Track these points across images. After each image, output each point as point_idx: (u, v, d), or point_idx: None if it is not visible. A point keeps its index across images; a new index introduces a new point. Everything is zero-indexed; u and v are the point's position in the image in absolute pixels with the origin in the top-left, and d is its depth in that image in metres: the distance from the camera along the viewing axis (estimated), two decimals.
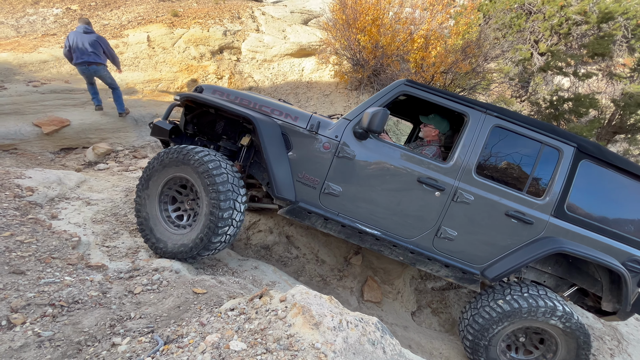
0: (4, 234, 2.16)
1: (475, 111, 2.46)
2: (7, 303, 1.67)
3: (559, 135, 2.43)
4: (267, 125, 2.42)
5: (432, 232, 2.48)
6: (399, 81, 2.53)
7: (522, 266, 2.40)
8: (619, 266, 2.34)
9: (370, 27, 5.33)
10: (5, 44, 6.53)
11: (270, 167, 2.39)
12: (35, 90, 4.92)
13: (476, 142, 2.44)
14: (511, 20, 6.69)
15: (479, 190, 2.42)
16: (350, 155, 2.45)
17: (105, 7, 8.52)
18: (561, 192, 2.41)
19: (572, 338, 2.43)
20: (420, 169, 2.43)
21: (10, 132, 4.35)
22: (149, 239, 2.44)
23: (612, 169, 2.43)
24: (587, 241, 2.41)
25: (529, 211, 2.41)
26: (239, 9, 8.65)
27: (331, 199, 2.50)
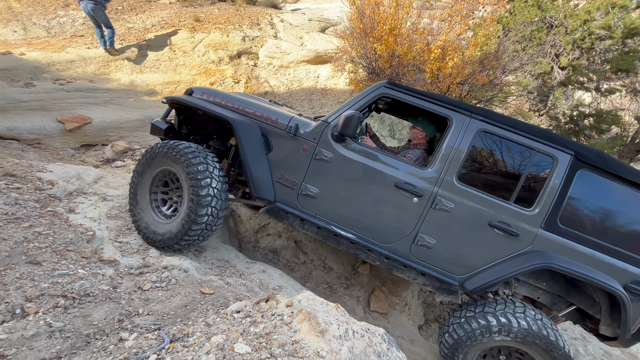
0: (23, 225, 2.24)
1: (459, 115, 2.34)
2: (23, 292, 1.71)
3: (555, 142, 2.23)
4: (246, 126, 2.48)
5: (410, 238, 2.40)
6: (380, 83, 2.47)
7: (503, 280, 2.25)
8: (616, 288, 2.11)
9: (387, 37, 5.35)
10: (37, 43, 6.86)
11: (247, 167, 2.45)
12: (61, 88, 5.13)
13: (459, 148, 2.31)
14: (531, 33, 6.59)
15: (460, 198, 2.29)
16: (327, 158, 2.44)
17: (131, 11, 8.86)
18: (554, 204, 2.21)
19: None
20: (397, 174, 2.36)
21: (35, 127, 4.53)
22: (140, 227, 2.55)
23: (616, 180, 2.19)
24: (584, 258, 2.19)
25: (515, 222, 2.24)
26: (259, 16, 8.85)
27: (309, 201, 2.51)
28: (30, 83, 5.02)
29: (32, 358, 1.37)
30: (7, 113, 4.43)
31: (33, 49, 6.28)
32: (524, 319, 2.22)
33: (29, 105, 4.66)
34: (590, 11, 6.24)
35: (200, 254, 2.79)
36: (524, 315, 2.24)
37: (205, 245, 2.91)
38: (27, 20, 8.10)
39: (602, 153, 2.25)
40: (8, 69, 5.07)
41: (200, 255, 2.80)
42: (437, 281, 2.40)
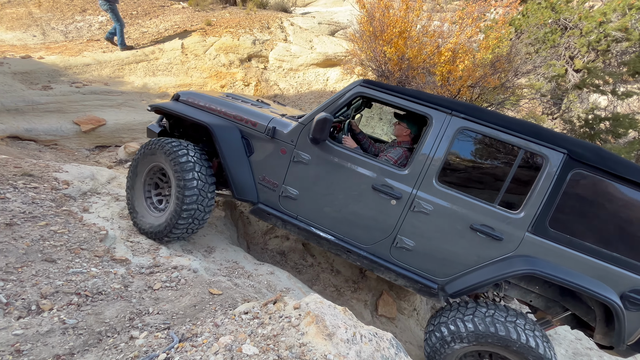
0: (40, 223, 2.30)
1: (439, 112, 2.21)
2: (38, 289, 1.76)
3: (545, 140, 2.05)
4: (224, 130, 2.52)
5: (389, 240, 2.35)
6: (355, 82, 2.41)
7: (483, 286, 2.16)
8: (607, 296, 1.96)
9: (397, 40, 5.33)
10: (55, 47, 7.08)
11: (228, 170, 2.49)
12: (77, 90, 5.28)
13: (438, 147, 2.19)
14: (545, 35, 6.47)
15: (439, 200, 2.20)
16: (305, 160, 2.44)
17: (145, 16, 9.08)
18: (542, 206, 2.05)
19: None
20: (375, 176, 2.30)
21: (52, 129, 4.67)
22: (134, 219, 2.67)
23: (616, 180, 1.98)
24: (576, 264, 2.04)
25: (499, 226, 2.12)
26: (269, 20, 8.95)
27: (290, 202, 2.54)
28: (48, 86, 5.18)
29: (47, 354, 1.40)
30: (25, 115, 4.58)
31: (51, 53, 6.49)
32: (472, 321, 2.11)
33: (46, 107, 4.81)
34: (606, 13, 6.11)
35: (209, 255, 2.82)
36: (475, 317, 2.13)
37: (214, 246, 2.94)
38: (46, 25, 8.38)
39: (600, 150, 2.04)
40: (27, 72, 5.24)
41: (209, 255, 2.83)
42: (417, 283, 2.35)
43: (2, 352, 1.36)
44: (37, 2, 8.86)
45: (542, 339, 2.08)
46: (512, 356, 2.11)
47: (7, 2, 9.03)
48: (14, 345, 1.41)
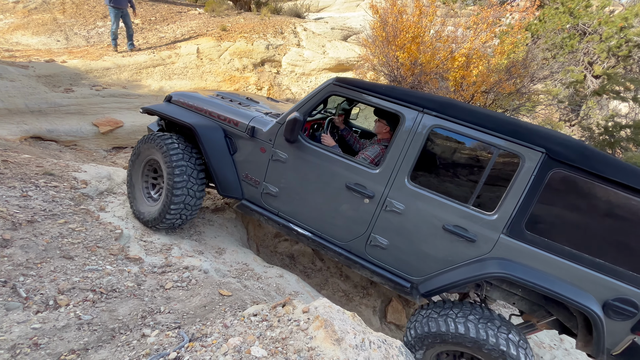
0: (59, 221, 2.38)
1: (410, 110, 2.14)
2: (56, 285, 1.82)
3: (521, 138, 1.92)
4: (208, 130, 2.62)
5: (364, 238, 2.34)
6: (329, 80, 2.40)
7: (454, 287, 2.10)
8: (583, 304, 1.84)
9: (409, 45, 5.32)
10: (77, 52, 7.36)
11: (212, 169, 2.59)
12: (97, 93, 5.46)
13: (410, 146, 2.13)
14: (563, 40, 6.35)
15: (412, 200, 2.15)
16: (282, 159, 2.48)
17: (163, 22, 9.35)
18: (518, 208, 1.94)
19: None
20: (348, 175, 2.29)
21: (72, 130, 4.84)
22: (133, 208, 2.85)
23: (602, 181, 1.82)
24: (555, 269, 1.92)
25: (472, 227, 2.04)
26: (282, 25, 9.07)
27: (271, 199, 2.61)
28: (70, 89, 5.38)
29: (63, 348, 1.44)
30: (48, 116, 4.76)
31: (74, 57, 6.74)
32: (443, 321, 2.05)
33: (67, 109, 4.99)
34: (627, 18, 5.94)
35: (219, 256, 2.85)
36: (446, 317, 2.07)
37: (225, 248, 2.97)
38: (69, 30, 8.72)
39: (583, 148, 1.88)
40: (51, 76, 5.46)
41: (219, 257, 2.86)
42: (391, 282, 2.32)
43: (20, 345, 1.41)
44: (62, 9, 9.25)
45: (517, 343, 1.98)
46: (485, 358, 2.01)
47: (34, 8, 9.46)
48: (32, 338, 1.46)
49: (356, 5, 14.08)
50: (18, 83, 4.74)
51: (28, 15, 9.11)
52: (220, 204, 3.62)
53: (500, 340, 1.94)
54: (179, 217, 2.63)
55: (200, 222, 3.25)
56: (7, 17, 9.14)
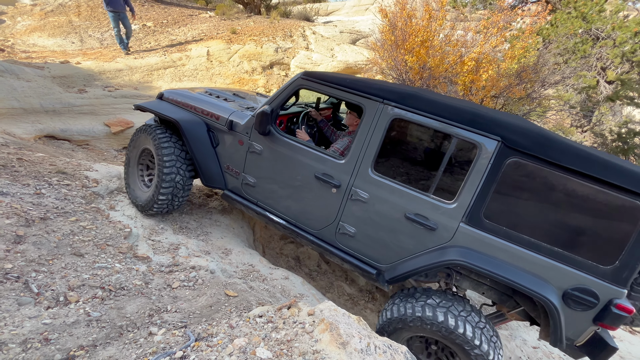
0: (71, 219, 2.43)
1: (371, 102, 2.19)
2: (66, 281, 1.85)
3: (478, 127, 1.92)
4: (192, 124, 2.77)
5: (333, 227, 2.42)
6: (297, 75, 2.48)
7: (417, 273, 2.14)
8: (537, 292, 1.83)
9: (418, 49, 5.31)
10: (91, 53, 7.53)
11: (196, 161, 2.75)
12: (109, 94, 5.57)
13: (372, 136, 2.19)
14: (575, 45, 6.25)
15: (374, 189, 2.21)
16: (258, 150, 2.61)
17: (174, 25, 9.50)
18: (476, 196, 1.95)
19: None
20: (317, 165, 2.38)
21: (85, 130, 4.94)
22: (129, 193, 3.02)
23: (558, 169, 1.79)
24: (514, 257, 1.91)
25: (432, 216, 2.06)
26: (292, 28, 9.14)
27: (250, 189, 2.75)
28: (83, 89, 5.50)
29: (72, 344, 1.46)
30: (62, 116, 4.87)
31: (87, 59, 6.90)
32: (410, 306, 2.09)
33: (80, 110, 5.10)
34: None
35: (226, 257, 2.87)
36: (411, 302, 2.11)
37: (231, 249, 2.99)
38: (83, 32, 8.93)
39: (540, 136, 1.86)
40: (65, 77, 5.59)
41: (226, 257, 2.88)
42: (359, 269, 2.38)
43: (31, 339, 1.44)
44: (77, 12, 9.48)
45: (479, 328, 1.98)
46: (447, 342, 2.04)
47: (51, 11, 9.71)
48: (42, 333, 1.48)
49: (365, 9, 14.12)
50: (34, 83, 4.87)
51: (45, 17, 9.36)
52: (228, 205, 3.64)
53: (459, 322, 1.95)
54: (168, 202, 2.81)
55: (208, 222, 3.28)
56: (25, 19, 9.41)
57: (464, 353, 1.99)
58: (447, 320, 1.96)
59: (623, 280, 1.76)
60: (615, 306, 1.76)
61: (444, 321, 1.97)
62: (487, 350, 1.94)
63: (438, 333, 2.01)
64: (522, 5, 7.37)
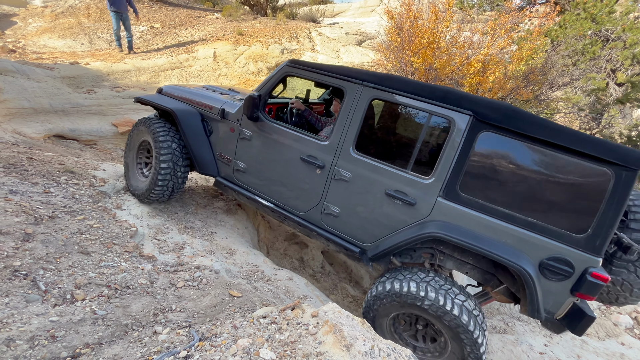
0: (78, 217, 2.46)
1: (351, 84, 2.29)
2: (73, 279, 1.87)
3: (451, 103, 1.99)
4: (186, 114, 2.89)
5: (319, 208, 2.47)
6: (284, 62, 2.59)
7: (397, 248, 2.18)
8: (512, 261, 1.85)
9: (425, 50, 5.29)
10: (100, 54, 7.63)
11: (189, 148, 2.86)
12: (117, 95, 5.64)
13: (353, 117, 2.28)
14: (584, 47, 6.17)
15: (356, 168, 2.27)
16: (248, 136, 2.71)
17: (182, 26, 9.60)
18: (452, 170, 2.00)
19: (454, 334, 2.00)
20: (303, 148, 2.47)
21: (93, 129, 5.01)
22: (128, 182, 3.17)
23: (528, 140, 1.84)
24: (490, 229, 1.93)
25: (411, 191, 2.12)
26: (298, 30, 9.17)
27: (241, 175, 2.83)
28: (92, 90, 5.58)
29: (78, 342, 1.48)
30: (70, 116, 4.95)
31: (96, 60, 6.99)
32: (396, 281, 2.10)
33: (89, 110, 5.17)
34: None
35: (230, 257, 2.88)
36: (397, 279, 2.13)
37: (236, 249, 3.00)
38: (92, 34, 9.06)
39: (508, 110, 1.91)
40: (75, 77, 5.68)
41: (230, 257, 2.89)
42: (344, 248, 2.43)
43: (39, 336, 1.45)
44: (87, 13, 9.62)
45: (459, 299, 1.99)
46: (428, 317, 2.06)
47: (61, 12, 9.86)
48: (49, 331, 1.50)
49: (371, 11, 14.11)
50: (44, 84, 4.95)
51: (55, 19, 9.51)
52: (233, 206, 3.66)
53: (439, 295, 1.98)
54: (164, 192, 2.91)
55: (213, 222, 3.30)
56: (36, 20, 9.57)
57: (445, 327, 2.01)
58: (428, 293, 1.99)
59: (597, 249, 1.77)
60: (591, 275, 1.77)
61: (425, 295, 1.99)
62: (467, 321, 1.95)
63: (419, 307, 2.03)
64: (530, 7, 7.30)
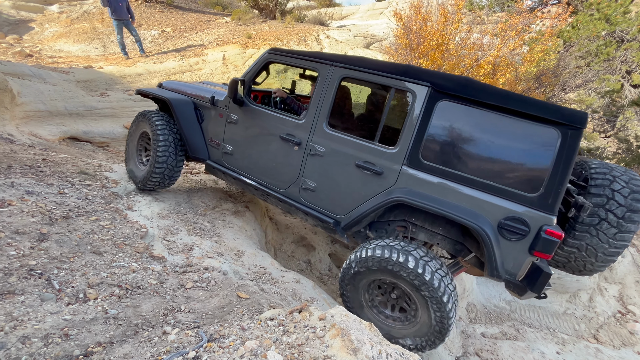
0: (91, 218, 2.51)
1: (323, 65, 2.47)
2: (86, 279, 1.91)
3: (411, 76, 2.15)
4: (181, 103, 3.14)
5: (297, 183, 2.63)
6: (266, 50, 2.81)
7: (365, 216, 2.31)
8: (470, 220, 1.94)
9: (433, 52, 5.26)
10: (113, 59, 7.81)
11: (183, 135, 3.09)
12: (129, 98, 5.76)
13: (325, 95, 2.45)
14: (598, 48, 6.04)
15: (329, 143, 2.43)
16: (234, 120, 2.92)
17: (192, 30, 9.76)
18: (414, 139, 2.13)
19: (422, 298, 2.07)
20: (282, 127, 2.65)
21: (105, 132, 5.12)
22: (128, 170, 3.41)
23: (482, 107, 1.97)
24: (451, 194, 2.04)
25: (379, 161, 2.26)
26: (306, 33, 9.22)
27: (228, 157, 3.04)
28: (105, 93, 5.71)
29: (90, 340, 1.51)
30: (84, 119, 5.07)
31: (109, 64, 7.15)
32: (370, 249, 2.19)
33: (102, 112, 5.29)
34: None
35: (238, 258, 2.90)
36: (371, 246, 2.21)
37: (244, 250, 3.02)
38: (106, 38, 9.28)
39: (464, 79, 2.05)
40: (89, 81, 5.82)
41: (238, 259, 2.91)
42: (319, 220, 2.56)
43: (52, 334, 1.49)
44: (101, 19, 9.86)
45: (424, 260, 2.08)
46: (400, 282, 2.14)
47: (76, 18, 10.14)
48: (63, 329, 1.54)
49: (379, 13, 14.10)
50: (59, 87, 5.09)
51: (70, 24, 9.78)
52: (241, 207, 3.68)
53: (409, 257, 2.07)
54: (161, 178, 3.13)
55: (221, 224, 3.33)
56: (52, 26, 9.86)
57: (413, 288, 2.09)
58: (399, 256, 2.08)
59: (550, 207, 1.86)
60: (545, 232, 1.85)
61: (396, 258, 2.08)
62: (430, 279, 2.02)
63: (391, 270, 2.12)
64: (542, 8, 7.19)
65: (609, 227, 2.02)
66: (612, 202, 2.02)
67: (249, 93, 2.94)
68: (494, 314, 3.98)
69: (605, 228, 2.02)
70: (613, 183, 2.04)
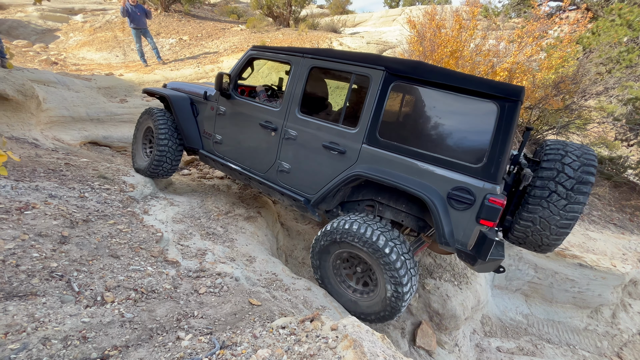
0: (109, 222, 2.58)
1: (295, 57, 2.76)
2: (104, 282, 1.96)
3: (368, 62, 2.38)
4: (178, 98, 3.50)
5: (275, 166, 2.90)
6: (250, 48, 3.10)
7: (329, 193, 2.56)
8: (419, 190, 2.12)
9: (448, 59, 5.21)
10: (132, 66, 8.07)
11: (180, 127, 3.46)
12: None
13: (297, 84, 2.72)
14: (619, 54, 5.86)
15: (301, 127, 2.69)
16: (222, 112, 3.25)
17: (208, 38, 10.00)
18: (372, 118, 2.35)
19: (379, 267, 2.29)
20: (261, 115, 2.94)
21: (124, 137, 5.27)
22: (134, 161, 3.81)
23: (430, 86, 2.16)
24: (405, 168, 2.23)
25: (342, 141, 2.48)
26: (319, 40, 9.31)
27: (218, 146, 3.36)
28: (124, 99, 5.89)
29: (107, 343, 1.54)
30: (104, 124, 5.24)
31: (129, 71, 7.40)
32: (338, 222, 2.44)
33: (121, 118, 5.46)
34: None
35: (250, 264, 2.91)
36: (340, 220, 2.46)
37: (255, 256, 3.03)
38: (127, 46, 9.61)
39: (415, 62, 2.28)
40: (109, 87, 6.03)
41: (250, 265, 2.92)
42: (292, 200, 2.81)
43: (71, 336, 1.53)
44: (122, 27, 10.23)
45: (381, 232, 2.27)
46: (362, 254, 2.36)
47: (99, 27, 10.55)
48: (81, 331, 1.57)
49: (392, 20, 14.12)
50: (82, 94, 5.28)
51: (93, 33, 10.19)
52: (253, 213, 3.71)
53: (368, 229, 2.29)
54: (161, 167, 3.50)
55: (233, 229, 3.36)
56: (76, 34, 10.29)
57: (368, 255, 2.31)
58: (360, 229, 2.31)
59: (492, 176, 1.98)
60: (488, 200, 1.98)
61: (357, 230, 2.31)
62: (383, 246, 2.23)
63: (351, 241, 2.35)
64: (560, 13, 7.05)
65: (559, 198, 2.11)
66: (561, 175, 2.12)
67: (236, 87, 3.24)
68: (510, 328, 3.85)
69: (555, 200, 2.12)
70: (565, 157, 2.15)
